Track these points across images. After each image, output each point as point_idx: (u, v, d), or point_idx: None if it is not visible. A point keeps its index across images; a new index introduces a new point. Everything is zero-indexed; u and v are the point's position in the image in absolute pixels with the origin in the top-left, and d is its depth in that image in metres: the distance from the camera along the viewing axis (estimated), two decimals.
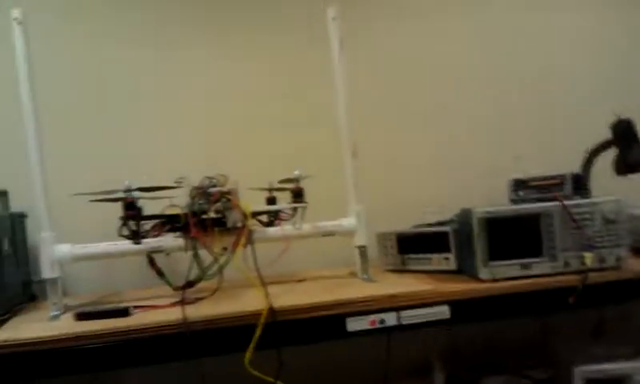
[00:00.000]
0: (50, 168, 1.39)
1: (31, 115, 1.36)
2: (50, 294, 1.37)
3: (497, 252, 1.42)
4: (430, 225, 1.69)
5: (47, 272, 1.36)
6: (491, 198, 1.76)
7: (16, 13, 1.35)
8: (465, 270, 1.52)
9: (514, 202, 1.59)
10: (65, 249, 1.38)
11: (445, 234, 1.57)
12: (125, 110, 1.83)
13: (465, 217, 1.49)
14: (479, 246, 1.42)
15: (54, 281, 1.37)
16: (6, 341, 1.17)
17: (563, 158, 1.63)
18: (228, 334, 1.25)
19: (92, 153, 1.79)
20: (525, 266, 1.42)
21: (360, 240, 1.53)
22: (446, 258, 1.56)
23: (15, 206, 1.62)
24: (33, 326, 1.27)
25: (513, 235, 1.43)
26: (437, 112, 2.03)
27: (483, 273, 1.41)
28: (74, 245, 1.39)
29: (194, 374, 1.24)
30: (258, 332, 1.22)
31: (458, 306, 1.36)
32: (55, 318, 1.34)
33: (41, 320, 1.33)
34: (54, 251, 1.36)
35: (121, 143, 1.82)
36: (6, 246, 1.46)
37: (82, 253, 1.40)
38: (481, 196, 1.86)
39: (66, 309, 1.40)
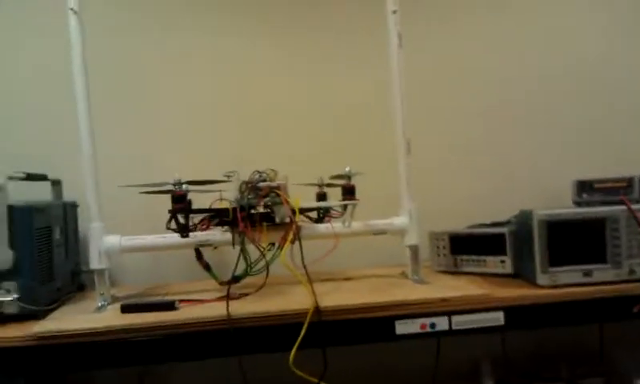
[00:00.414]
0: (102, 159, 1.39)
1: (84, 106, 1.36)
2: (98, 285, 1.37)
3: (557, 257, 1.34)
4: (485, 225, 1.62)
5: (95, 263, 1.36)
6: (548, 199, 1.69)
7: (72, 2, 1.35)
8: (522, 274, 1.46)
9: (577, 204, 1.51)
10: (113, 240, 1.38)
11: (501, 236, 1.50)
12: (174, 100, 1.82)
13: (524, 218, 1.42)
14: (539, 250, 1.34)
15: (101, 272, 1.37)
16: (50, 332, 1.17)
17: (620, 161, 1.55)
18: (272, 332, 1.23)
19: (141, 144, 1.79)
20: (587, 273, 1.34)
21: (411, 239, 1.47)
22: (502, 261, 1.49)
23: (69, 195, 1.64)
24: (78, 318, 1.27)
25: (575, 240, 1.35)
26: (491, 111, 1.95)
27: (542, 279, 1.34)
28: (123, 236, 1.39)
29: (237, 370, 1.21)
30: (302, 331, 1.19)
31: (514, 312, 1.29)
32: (101, 309, 1.34)
33: (87, 311, 1.33)
34: (102, 242, 1.36)
35: (170, 135, 1.81)
36: (57, 234, 1.47)
37: (130, 245, 1.39)
38: (539, 197, 1.80)
39: (113, 300, 1.40)
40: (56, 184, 1.63)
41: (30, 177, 1.47)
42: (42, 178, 1.56)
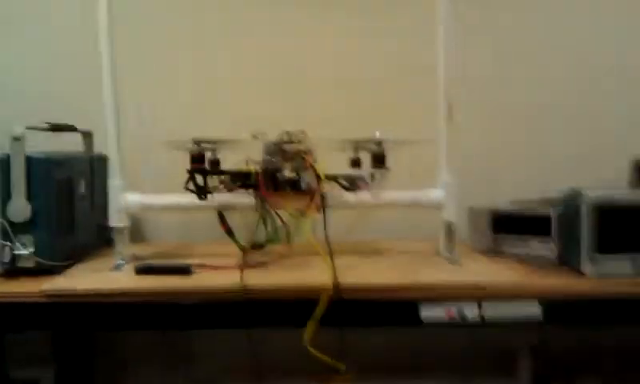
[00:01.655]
0: (130, 114, 1.36)
1: (108, 53, 1.29)
2: (117, 243, 1.33)
3: (606, 244, 1.21)
4: (531, 202, 1.49)
5: (115, 220, 1.32)
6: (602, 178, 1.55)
7: None
8: (567, 260, 1.33)
9: (634, 186, 1.36)
10: (133, 198, 1.33)
11: (547, 217, 1.37)
12: (212, 59, 1.76)
13: (572, 199, 1.28)
14: (586, 236, 1.21)
15: (120, 230, 1.33)
16: (57, 290, 1.14)
17: None
18: (287, 307, 1.16)
19: (174, 101, 1.74)
20: (638, 264, 1.21)
21: (448, 215, 1.36)
22: (547, 244, 1.36)
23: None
24: (91, 276, 1.23)
25: (628, 226, 1.21)
26: (547, 77, 1.79)
27: (587, 267, 1.21)
28: (144, 194, 1.35)
29: (249, 343, 1.16)
30: (319, 309, 1.11)
31: (553, 304, 1.17)
32: (118, 268, 1.30)
33: (103, 270, 1.29)
34: (122, 200, 1.32)
35: (205, 94, 1.76)
36: (81, 188, 1.43)
37: (150, 203, 1.35)
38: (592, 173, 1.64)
39: (134, 259, 1.35)
40: (87, 136, 1.59)
41: (56, 127, 1.44)
42: (70, 128, 1.52)
